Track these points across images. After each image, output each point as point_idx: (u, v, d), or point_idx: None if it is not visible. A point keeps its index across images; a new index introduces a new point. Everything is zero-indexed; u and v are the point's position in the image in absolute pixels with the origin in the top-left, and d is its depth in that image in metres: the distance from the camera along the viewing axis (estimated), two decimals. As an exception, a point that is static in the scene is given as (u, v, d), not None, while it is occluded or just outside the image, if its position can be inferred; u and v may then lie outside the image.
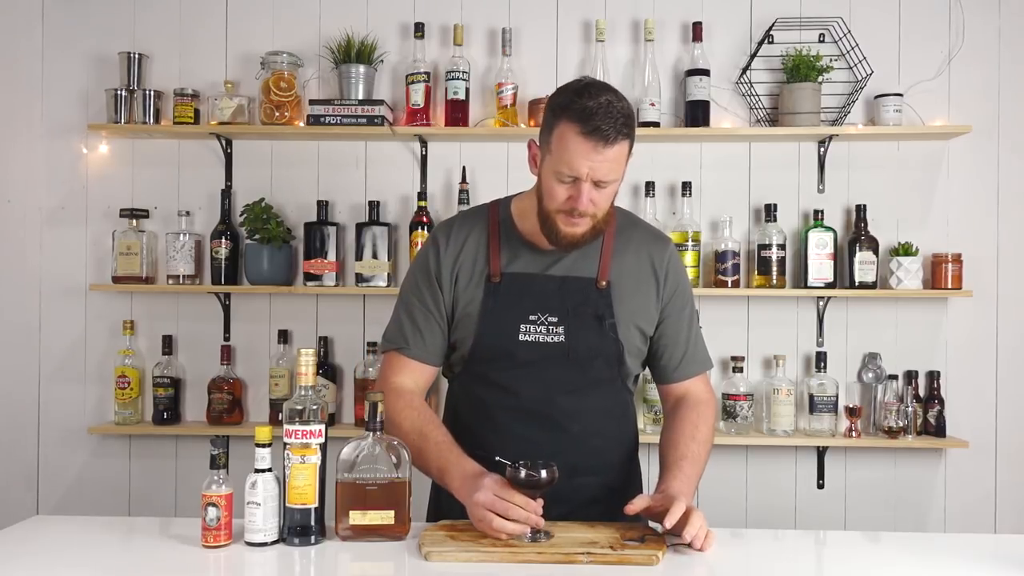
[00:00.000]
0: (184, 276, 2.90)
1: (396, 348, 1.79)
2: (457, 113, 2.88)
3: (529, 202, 1.76)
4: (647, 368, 1.89)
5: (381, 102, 2.85)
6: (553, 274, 1.75)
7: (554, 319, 1.72)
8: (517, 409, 1.73)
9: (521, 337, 1.72)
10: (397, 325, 1.80)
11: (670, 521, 1.52)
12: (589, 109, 1.58)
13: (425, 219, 2.87)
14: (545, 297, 1.73)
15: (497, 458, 1.57)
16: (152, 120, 2.91)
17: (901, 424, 2.79)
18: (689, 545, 1.54)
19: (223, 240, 2.90)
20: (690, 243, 2.82)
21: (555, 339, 1.72)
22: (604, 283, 1.74)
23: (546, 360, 1.72)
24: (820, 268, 2.82)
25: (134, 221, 2.89)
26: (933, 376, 2.88)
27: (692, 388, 1.84)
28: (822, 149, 2.94)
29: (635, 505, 1.58)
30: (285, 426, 1.58)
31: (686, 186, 2.88)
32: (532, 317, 1.72)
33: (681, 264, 1.86)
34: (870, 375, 2.90)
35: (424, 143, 2.96)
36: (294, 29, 3.00)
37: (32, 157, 3.01)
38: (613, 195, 1.69)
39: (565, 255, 1.75)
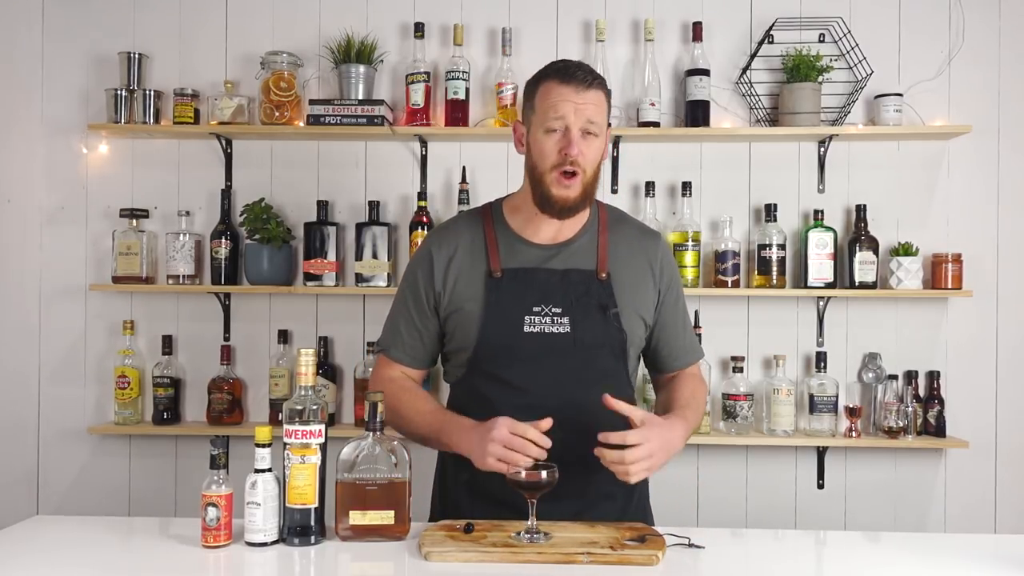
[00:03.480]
0: (184, 276, 2.90)
1: (382, 350, 1.89)
2: (457, 113, 2.88)
3: (520, 196, 1.82)
4: (642, 362, 1.93)
5: (381, 102, 2.85)
6: (554, 267, 1.78)
7: (558, 310, 1.75)
8: (526, 405, 1.69)
9: (526, 328, 1.73)
10: (386, 329, 1.90)
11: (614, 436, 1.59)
12: (564, 65, 1.74)
13: (425, 219, 2.87)
14: (548, 289, 1.76)
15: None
16: (152, 120, 2.91)
17: (901, 424, 2.79)
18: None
19: (223, 240, 2.90)
20: (690, 243, 2.82)
21: (560, 329, 1.74)
22: (604, 275, 1.78)
23: (552, 352, 1.73)
24: (820, 268, 2.82)
25: (134, 221, 2.89)
26: (933, 376, 2.88)
27: (687, 371, 1.93)
28: (822, 149, 2.94)
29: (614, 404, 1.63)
30: (285, 426, 1.58)
31: (686, 186, 2.88)
32: (536, 308, 1.74)
33: (672, 257, 1.93)
34: (870, 375, 2.90)
35: (424, 143, 2.96)
36: (294, 29, 3.00)
37: (32, 157, 3.01)
38: (600, 153, 1.75)
39: (561, 250, 1.79)
